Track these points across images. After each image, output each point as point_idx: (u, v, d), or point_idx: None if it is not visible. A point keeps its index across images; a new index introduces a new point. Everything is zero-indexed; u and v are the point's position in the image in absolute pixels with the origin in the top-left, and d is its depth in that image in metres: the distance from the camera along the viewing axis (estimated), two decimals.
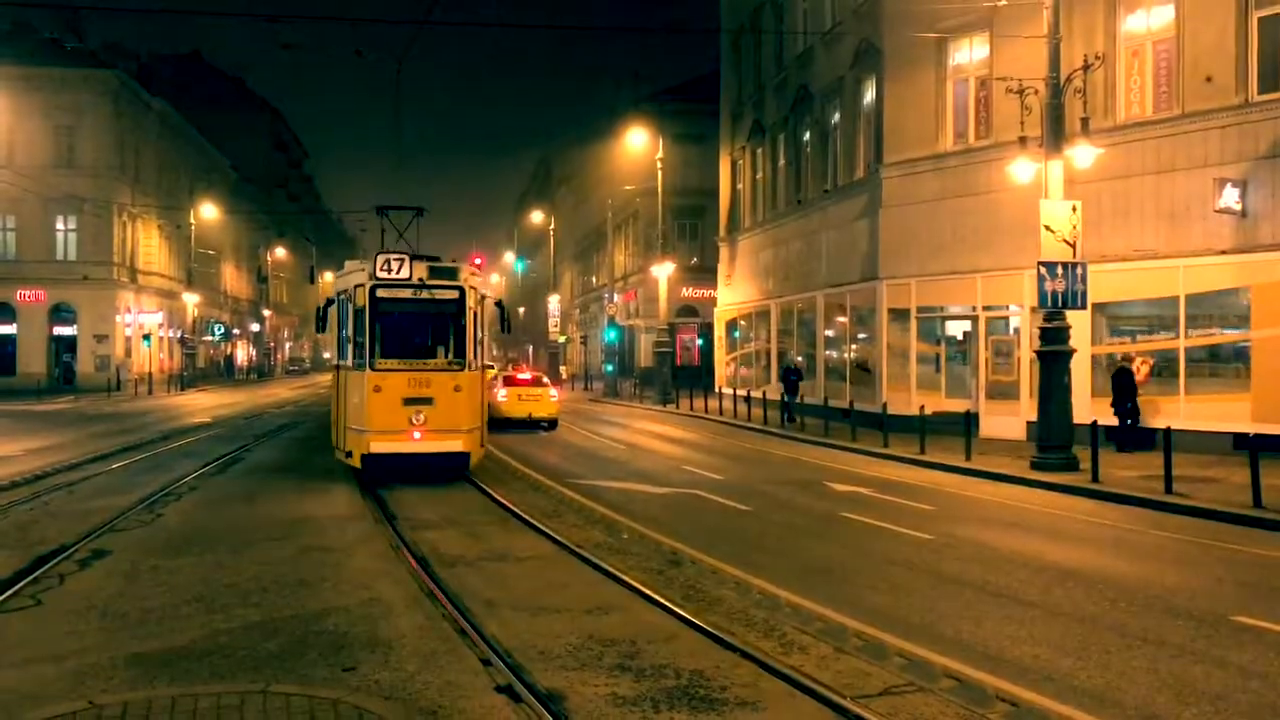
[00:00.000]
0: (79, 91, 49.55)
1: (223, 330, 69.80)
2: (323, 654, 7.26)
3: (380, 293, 15.87)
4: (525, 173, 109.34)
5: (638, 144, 43.83)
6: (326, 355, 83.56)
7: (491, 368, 70.23)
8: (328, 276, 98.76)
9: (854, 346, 28.71)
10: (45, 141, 49.36)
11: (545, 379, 30.25)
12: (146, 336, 55.29)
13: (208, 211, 59.34)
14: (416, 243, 20.40)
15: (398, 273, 15.79)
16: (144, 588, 9.22)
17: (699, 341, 52.14)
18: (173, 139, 60.65)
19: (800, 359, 30.42)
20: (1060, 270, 16.89)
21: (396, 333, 16.58)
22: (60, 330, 50.45)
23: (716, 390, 37.98)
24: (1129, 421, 19.64)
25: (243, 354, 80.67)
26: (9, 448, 21.67)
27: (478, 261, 64.91)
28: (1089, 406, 19.86)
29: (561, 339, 68.59)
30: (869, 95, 27.30)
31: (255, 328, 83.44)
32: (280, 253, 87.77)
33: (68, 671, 6.85)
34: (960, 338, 24.99)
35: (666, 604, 8.57)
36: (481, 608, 8.52)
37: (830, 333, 30.34)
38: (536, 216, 77.85)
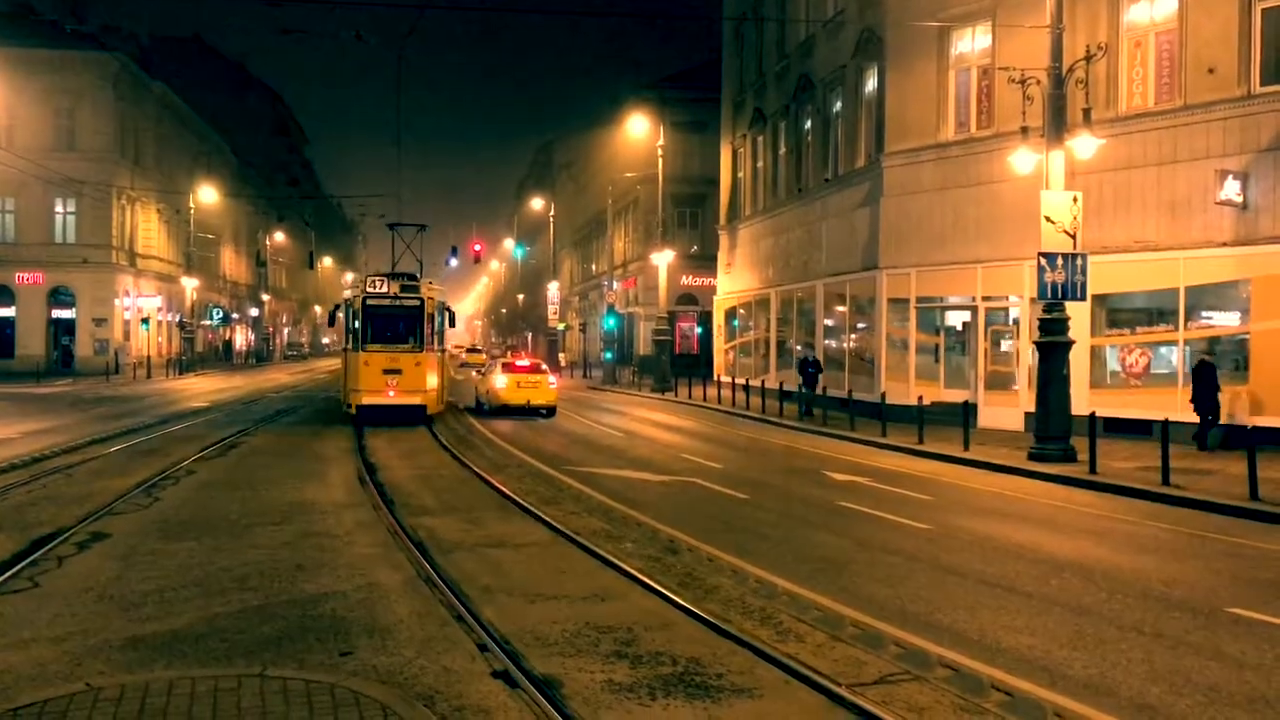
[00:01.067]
0: (79, 74, 49.35)
1: (221, 315, 69.73)
2: (320, 638, 7.27)
3: (369, 302, 24.13)
4: (526, 158, 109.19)
5: (638, 131, 43.74)
6: (325, 341, 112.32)
7: (479, 351, 77.36)
8: (326, 261, 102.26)
9: (853, 336, 28.70)
10: (45, 124, 49.18)
11: (544, 366, 30.24)
12: (145, 320, 55.21)
13: (207, 195, 59.22)
14: (421, 251, 30.29)
15: (380, 289, 24.31)
16: (142, 571, 9.23)
17: (698, 330, 52.09)
18: (173, 122, 60.47)
19: (800, 348, 30.33)
20: (1060, 261, 16.87)
21: (379, 327, 24.31)
22: (59, 313, 50.39)
23: (715, 379, 37.98)
24: (1210, 418, 18.09)
25: (241, 339, 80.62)
26: (7, 430, 21.69)
27: (477, 248, 65.76)
28: (1087, 398, 19.88)
29: (561, 326, 68.55)
30: (871, 84, 27.23)
31: (254, 312, 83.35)
32: (279, 237, 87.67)
33: (65, 653, 6.87)
34: (959, 328, 24.98)
35: (664, 591, 8.59)
36: (479, 594, 8.53)
37: (830, 322, 30.33)
38: (536, 203, 77.71)
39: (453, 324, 28.44)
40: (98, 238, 50.19)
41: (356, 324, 24.18)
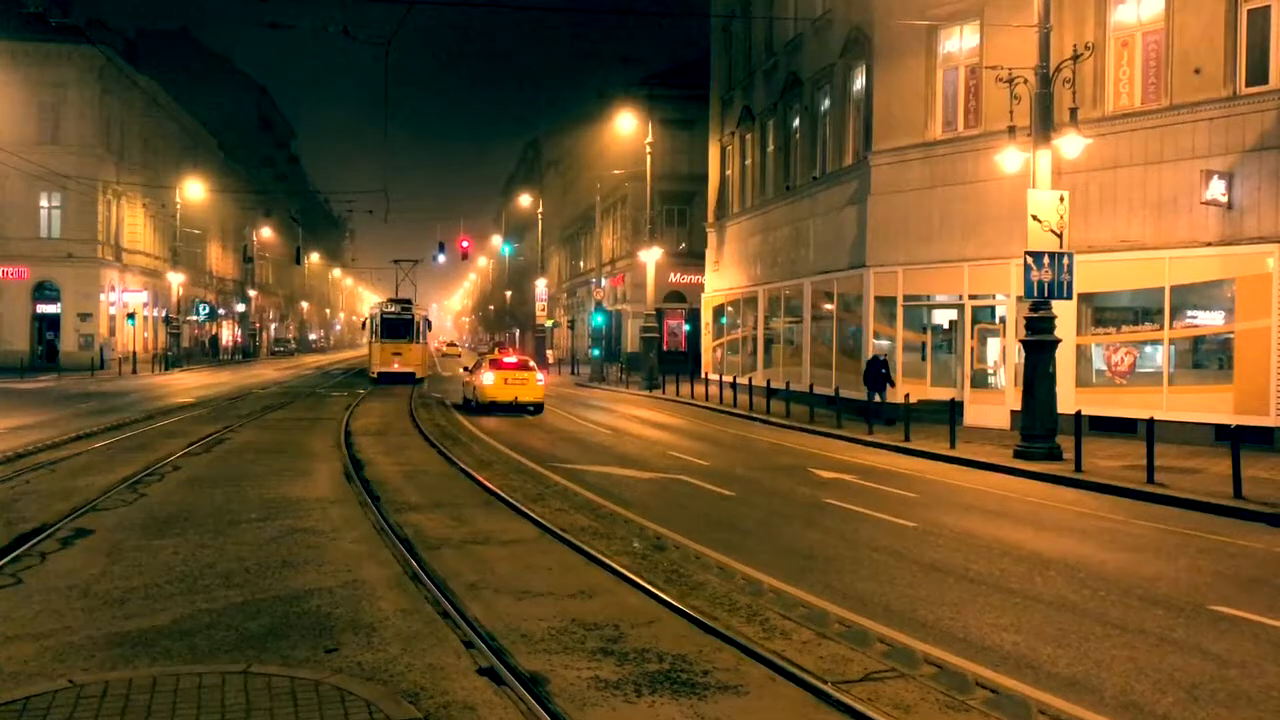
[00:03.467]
0: (64, 67, 49.07)
1: (208, 310, 69.39)
2: (305, 635, 7.25)
3: (384, 314, 42.11)
4: (514, 154, 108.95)
5: (627, 129, 43.69)
6: (313, 337, 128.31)
7: (456, 345, 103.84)
8: (314, 257, 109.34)
9: (840, 334, 28.69)
10: (29, 117, 48.87)
11: (531, 363, 30.18)
12: (130, 315, 54.94)
13: (193, 190, 58.90)
14: (414, 276, 59.85)
15: (390, 308, 42.98)
16: (126, 567, 9.18)
17: (686, 327, 52.09)
18: (159, 116, 60.11)
19: (877, 344, 25.60)
20: (1047, 260, 16.93)
21: (389, 329, 41.28)
22: (43, 308, 50.12)
23: (703, 376, 38.00)
24: None
25: (228, 334, 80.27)
26: None
27: (464, 244, 69.31)
28: (1073, 397, 19.97)
29: (549, 323, 68.42)
30: (859, 82, 27.25)
31: (240, 308, 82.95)
32: (266, 233, 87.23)
33: (48, 650, 6.82)
34: (946, 326, 25.05)
35: (650, 588, 8.59)
36: (465, 590, 8.52)
37: (817, 320, 30.35)
38: (524, 200, 77.53)
39: (430, 328, 47.97)
40: (83, 232, 49.92)
41: (376, 327, 41.96)
